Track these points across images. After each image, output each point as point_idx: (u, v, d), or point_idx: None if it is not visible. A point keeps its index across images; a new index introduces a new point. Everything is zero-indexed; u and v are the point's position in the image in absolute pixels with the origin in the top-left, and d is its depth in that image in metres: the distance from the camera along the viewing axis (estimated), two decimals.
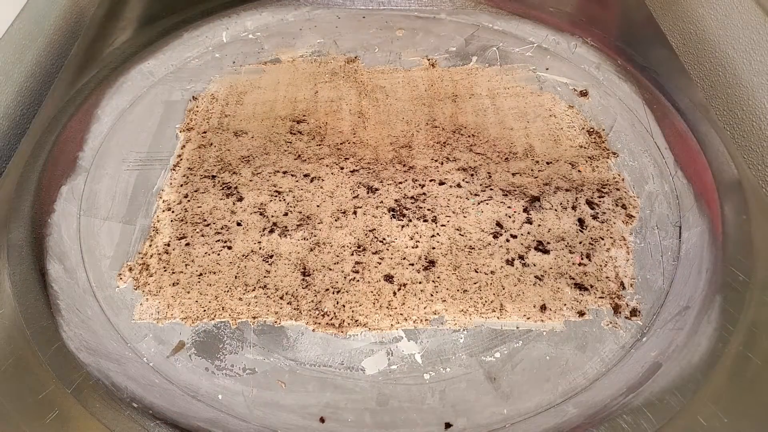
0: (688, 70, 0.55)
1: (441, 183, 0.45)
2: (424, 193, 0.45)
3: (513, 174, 0.46)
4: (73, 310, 0.38)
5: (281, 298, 0.39)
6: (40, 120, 0.49)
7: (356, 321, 0.38)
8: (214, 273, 0.40)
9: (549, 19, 0.59)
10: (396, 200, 0.44)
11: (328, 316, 0.38)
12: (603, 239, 0.42)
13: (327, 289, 0.39)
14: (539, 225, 0.43)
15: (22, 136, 0.48)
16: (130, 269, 0.40)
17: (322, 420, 0.34)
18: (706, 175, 0.45)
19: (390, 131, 0.50)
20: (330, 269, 0.40)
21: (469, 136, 0.49)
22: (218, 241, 0.42)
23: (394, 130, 0.50)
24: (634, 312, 0.38)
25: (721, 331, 0.36)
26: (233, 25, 0.59)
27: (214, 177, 0.46)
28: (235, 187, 0.45)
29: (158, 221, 0.43)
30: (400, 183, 0.45)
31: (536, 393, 0.35)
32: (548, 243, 0.42)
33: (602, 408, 0.34)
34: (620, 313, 0.38)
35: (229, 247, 0.41)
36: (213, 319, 0.38)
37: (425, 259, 0.41)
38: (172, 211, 0.44)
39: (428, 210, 0.44)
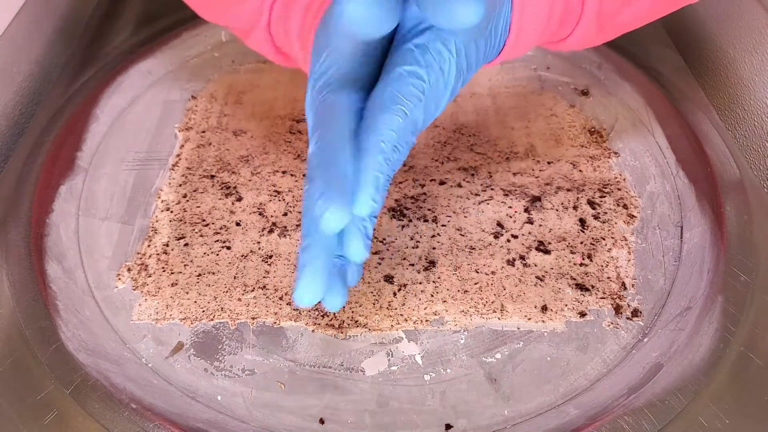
0: (690, 69, 0.55)
1: (441, 183, 0.45)
2: (424, 193, 0.44)
3: (514, 174, 0.46)
4: (71, 310, 0.38)
5: (281, 298, 0.39)
6: (38, 120, 0.49)
7: (356, 322, 0.37)
8: (213, 273, 0.40)
9: None
10: (396, 200, 0.44)
11: (327, 316, 0.38)
12: (604, 239, 0.42)
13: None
14: (540, 225, 0.42)
15: (20, 136, 0.48)
16: (129, 269, 0.40)
17: (321, 421, 0.34)
18: (707, 175, 0.44)
19: None
20: None
21: (469, 136, 0.49)
22: (217, 241, 0.42)
23: None
24: (635, 312, 0.38)
25: (723, 332, 0.36)
26: None
27: (213, 177, 0.46)
28: (234, 187, 0.45)
29: (157, 221, 0.43)
30: (400, 183, 0.45)
31: (537, 394, 0.35)
32: (549, 243, 0.41)
33: (603, 409, 0.34)
34: (621, 313, 0.38)
35: (228, 248, 0.41)
36: (212, 319, 0.38)
37: (425, 259, 0.40)
38: (171, 211, 0.44)
39: (428, 210, 0.43)
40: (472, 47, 0.30)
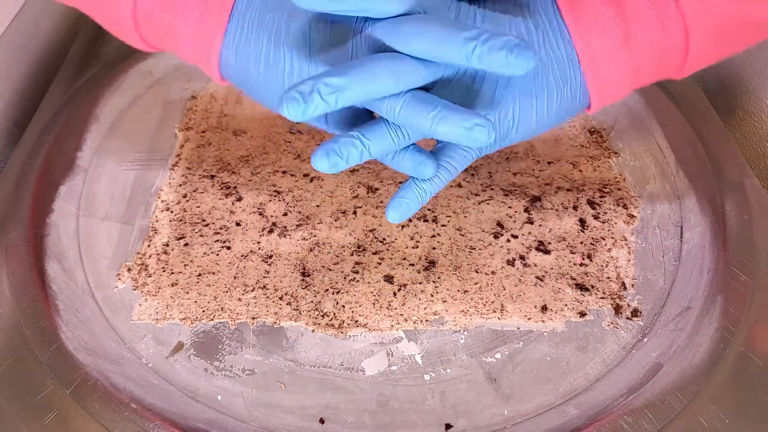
0: None
1: None
2: None
3: (514, 174, 0.46)
4: (71, 310, 0.38)
5: (281, 298, 0.39)
6: (38, 119, 0.49)
7: (356, 321, 0.37)
8: (213, 273, 0.40)
9: None
10: None
11: (327, 316, 0.38)
12: (604, 239, 0.42)
13: (327, 290, 0.39)
14: (540, 225, 0.42)
15: (20, 136, 0.48)
16: (129, 269, 0.40)
17: (321, 421, 0.34)
18: (707, 175, 0.44)
19: None
20: (330, 269, 0.40)
21: None
22: (217, 241, 0.42)
23: None
24: (635, 312, 0.38)
25: (723, 332, 0.36)
26: None
27: (213, 177, 0.46)
28: (234, 187, 0.45)
29: (157, 221, 0.43)
30: (401, 182, 0.45)
31: (537, 394, 0.35)
32: (549, 243, 0.41)
33: (603, 409, 0.34)
34: (621, 313, 0.38)
35: (228, 247, 0.41)
36: (212, 319, 0.38)
37: (425, 259, 0.40)
38: (171, 211, 0.44)
39: (428, 210, 0.43)
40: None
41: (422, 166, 0.30)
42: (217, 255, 0.41)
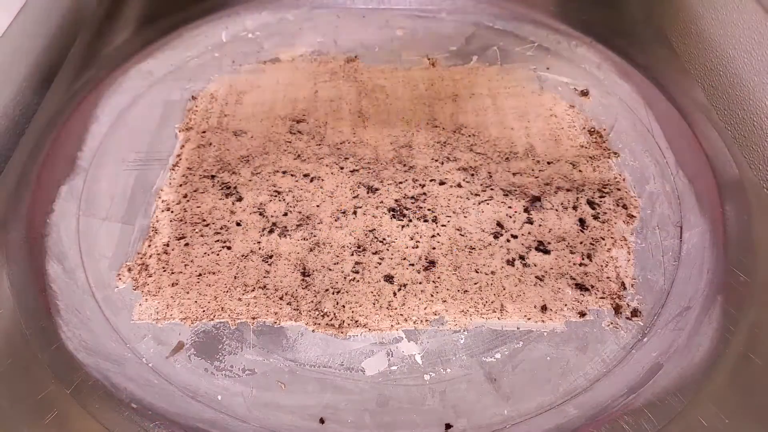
0: (689, 69, 0.55)
1: (441, 183, 0.45)
2: (424, 193, 0.45)
3: (514, 174, 0.46)
4: (72, 310, 0.38)
5: (281, 298, 0.39)
6: (39, 119, 0.49)
7: (356, 321, 0.37)
8: (214, 273, 0.40)
9: (549, 19, 0.59)
10: (396, 200, 0.44)
11: (327, 316, 0.38)
12: (604, 239, 0.42)
13: (327, 290, 0.39)
14: (540, 225, 0.42)
15: (21, 136, 0.48)
16: (129, 269, 0.40)
17: (321, 421, 0.34)
18: (707, 175, 0.44)
19: (390, 131, 0.50)
20: (330, 269, 0.40)
21: (469, 136, 0.49)
22: (217, 241, 0.42)
23: (394, 130, 0.50)
24: (635, 312, 0.38)
25: (722, 332, 0.36)
26: (233, 25, 0.59)
27: (213, 177, 0.46)
28: (235, 187, 0.45)
29: (157, 221, 0.43)
30: (401, 183, 0.45)
31: (537, 394, 0.35)
32: (549, 243, 0.41)
33: (603, 409, 0.34)
34: (621, 313, 0.38)
35: (229, 248, 0.41)
36: (212, 319, 0.38)
37: (425, 259, 0.41)
38: (171, 211, 0.44)
39: (428, 210, 0.43)
40: None
41: None
42: (218, 255, 0.41)
